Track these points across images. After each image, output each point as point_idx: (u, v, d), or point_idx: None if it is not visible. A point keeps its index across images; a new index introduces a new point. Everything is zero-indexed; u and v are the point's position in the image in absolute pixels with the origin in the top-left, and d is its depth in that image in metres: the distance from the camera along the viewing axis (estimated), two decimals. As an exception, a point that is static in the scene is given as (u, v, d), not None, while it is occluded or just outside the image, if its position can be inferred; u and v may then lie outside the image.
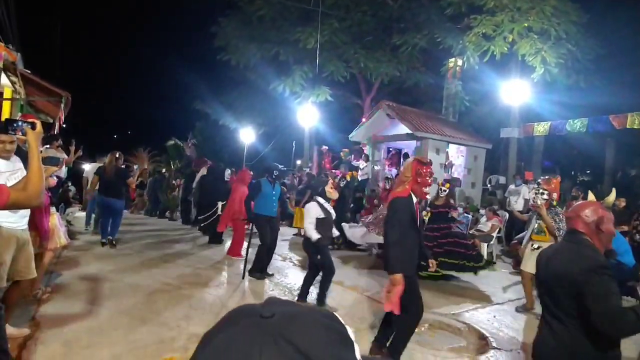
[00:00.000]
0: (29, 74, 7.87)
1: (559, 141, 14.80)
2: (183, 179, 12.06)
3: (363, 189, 11.41)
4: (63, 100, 8.06)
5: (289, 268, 6.75)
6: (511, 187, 10.29)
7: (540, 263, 2.14)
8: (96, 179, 7.38)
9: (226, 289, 5.42)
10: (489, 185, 13.22)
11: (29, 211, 3.28)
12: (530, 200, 5.26)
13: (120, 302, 4.42)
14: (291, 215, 10.42)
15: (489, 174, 13.73)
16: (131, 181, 7.54)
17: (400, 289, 3.12)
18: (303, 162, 16.78)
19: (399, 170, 11.67)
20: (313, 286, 5.04)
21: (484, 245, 8.28)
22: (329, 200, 5.10)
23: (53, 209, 4.58)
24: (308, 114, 15.07)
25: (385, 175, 10.83)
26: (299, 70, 14.93)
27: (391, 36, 14.79)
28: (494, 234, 8.49)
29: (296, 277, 6.14)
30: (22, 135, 2.14)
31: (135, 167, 9.58)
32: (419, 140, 11.40)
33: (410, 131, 11.23)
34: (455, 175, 12.19)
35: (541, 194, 5.15)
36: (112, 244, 7.16)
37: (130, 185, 7.70)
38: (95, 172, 7.62)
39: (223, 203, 8.28)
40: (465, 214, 9.30)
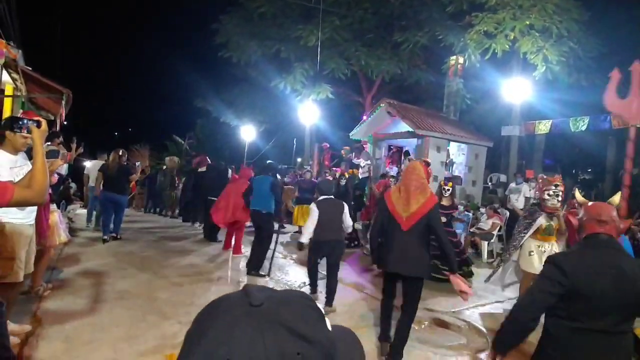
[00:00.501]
0: (30, 70, 7.87)
1: (560, 139, 14.78)
2: (184, 177, 12.07)
3: (363, 188, 11.40)
4: (64, 98, 8.07)
5: (289, 266, 6.77)
6: (512, 186, 10.28)
7: (593, 278, 1.88)
8: (101, 176, 7.58)
9: (227, 286, 5.43)
10: (489, 184, 13.22)
11: (36, 207, 3.35)
12: (548, 203, 4.96)
13: (122, 299, 4.44)
14: (291, 213, 10.43)
15: (489, 172, 13.72)
16: (134, 177, 7.83)
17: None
18: (304, 160, 16.78)
19: (399, 168, 11.66)
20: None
21: (485, 243, 8.29)
22: None
23: (54, 206, 4.59)
24: (309, 112, 15.05)
25: (385, 172, 10.81)
26: (299, 68, 14.91)
27: (392, 34, 14.75)
28: (495, 232, 8.50)
29: (297, 275, 6.17)
30: (28, 133, 2.17)
31: (138, 164, 9.60)
32: (420, 138, 11.39)
33: (411, 129, 11.22)
34: (456, 173, 12.19)
35: (557, 196, 4.89)
36: (117, 238, 7.42)
37: (133, 181, 7.96)
38: (99, 169, 7.78)
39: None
40: (466, 212, 9.30)
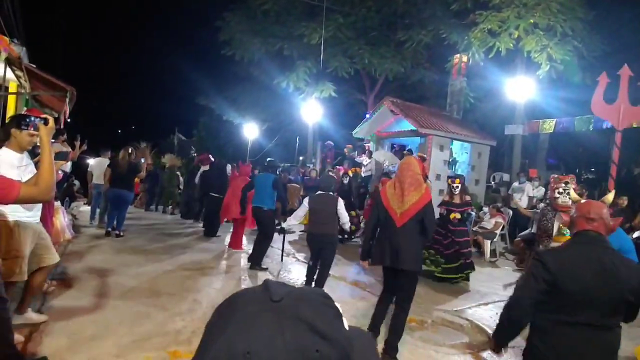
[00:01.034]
0: (34, 68, 7.89)
1: (564, 138, 14.72)
2: (185, 174, 12.10)
3: (366, 186, 11.40)
4: (68, 95, 8.08)
5: (292, 264, 6.78)
6: (515, 185, 10.26)
7: (577, 273, 1.93)
8: (109, 172, 7.78)
9: (229, 282, 5.45)
10: (492, 183, 13.18)
11: (41, 205, 3.42)
12: (559, 200, 4.97)
13: (125, 295, 4.46)
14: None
15: (492, 171, 13.68)
16: (141, 175, 8.17)
17: None
18: (306, 158, 16.78)
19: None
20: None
21: (487, 242, 8.28)
22: None
23: (58, 203, 4.62)
24: (312, 110, 15.05)
25: (387, 171, 10.79)
26: (303, 66, 14.89)
27: (396, 32, 14.71)
28: (498, 232, 8.48)
29: (299, 273, 6.17)
30: (35, 131, 2.17)
31: (142, 161, 9.66)
32: (423, 136, 11.37)
33: (414, 128, 11.20)
34: (459, 172, 12.16)
35: (567, 195, 4.91)
36: (119, 235, 7.50)
37: (140, 178, 8.28)
38: (108, 165, 7.98)
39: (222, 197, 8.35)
40: (469, 211, 9.28)
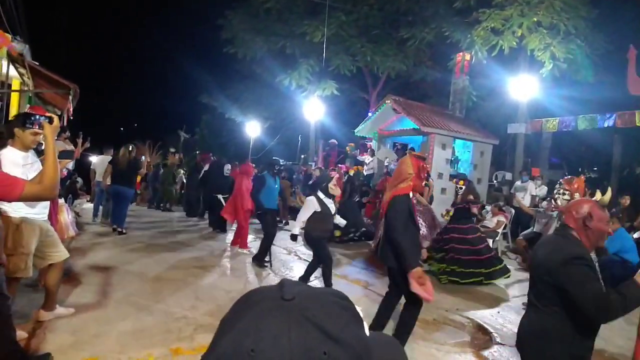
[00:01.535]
0: (37, 65, 7.91)
1: (566, 137, 14.67)
2: (186, 172, 12.14)
3: (369, 184, 11.41)
4: (71, 93, 8.11)
5: (293, 262, 6.79)
6: (517, 184, 10.24)
7: (532, 254, 2.26)
8: (110, 169, 7.87)
9: (231, 280, 5.46)
10: (495, 182, 13.16)
11: (48, 202, 3.45)
12: (552, 201, 5.18)
13: (128, 292, 4.48)
14: (298, 209, 10.44)
15: (495, 170, 13.65)
16: (142, 172, 8.27)
17: (427, 279, 3.11)
18: (307, 156, 16.79)
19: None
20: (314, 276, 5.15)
21: (489, 241, 8.27)
22: (332, 196, 5.14)
23: (62, 201, 4.64)
24: (314, 108, 15.04)
25: (389, 170, 10.79)
26: (305, 64, 14.87)
27: (398, 30, 14.67)
28: (500, 231, 8.46)
29: (300, 271, 6.16)
30: (40, 129, 2.18)
31: (142, 158, 9.69)
32: (425, 135, 11.35)
33: (416, 126, 11.18)
34: (461, 171, 12.15)
35: (562, 195, 5.05)
36: (122, 232, 7.52)
37: (140, 175, 8.29)
38: (109, 162, 8.04)
39: (225, 196, 8.37)
40: (479, 210, 9.26)
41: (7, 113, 7.66)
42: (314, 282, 5.38)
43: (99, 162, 9.23)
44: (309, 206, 5.00)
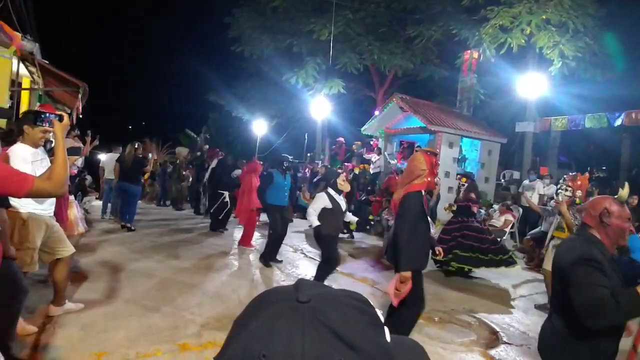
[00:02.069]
0: (47, 64, 7.99)
1: (575, 136, 14.53)
2: (194, 170, 12.18)
3: (375, 182, 11.39)
4: (81, 91, 8.18)
5: (300, 259, 6.81)
6: (525, 182, 10.17)
7: (553, 256, 2.20)
8: (118, 167, 8.05)
9: (238, 278, 5.49)
10: (502, 180, 13.08)
11: (54, 199, 3.50)
12: (554, 197, 5.20)
13: (135, 289, 4.53)
14: (304, 207, 10.44)
15: (503, 169, 13.57)
16: (147, 169, 8.40)
17: (410, 286, 3.09)
18: (314, 154, 16.79)
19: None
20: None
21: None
22: (340, 192, 5.11)
23: (72, 198, 4.70)
24: (320, 106, 15.03)
25: (395, 168, 10.76)
26: (312, 62, 14.88)
27: (405, 28, 14.62)
28: (507, 230, 8.42)
29: (307, 268, 6.20)
30: (50, 127, 2.22)
31: (150, 156, 9.76)
32: (432, 133, 11.31)
33: (423, 124, 11.15)
34: (468, 169, 12.09)
35: (564, 191, 5.06)
36: (130, 229, 7.63)
37: (146, 172, 8.61)
38: (117, 160, 8.20)
39: (230, 194, 8.40)
40: (478, 209, 9.22)
41: (18, 111, 7.74)
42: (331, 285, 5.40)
43: (108, 160, 9.34)
44: (317, 201, 4.96)
